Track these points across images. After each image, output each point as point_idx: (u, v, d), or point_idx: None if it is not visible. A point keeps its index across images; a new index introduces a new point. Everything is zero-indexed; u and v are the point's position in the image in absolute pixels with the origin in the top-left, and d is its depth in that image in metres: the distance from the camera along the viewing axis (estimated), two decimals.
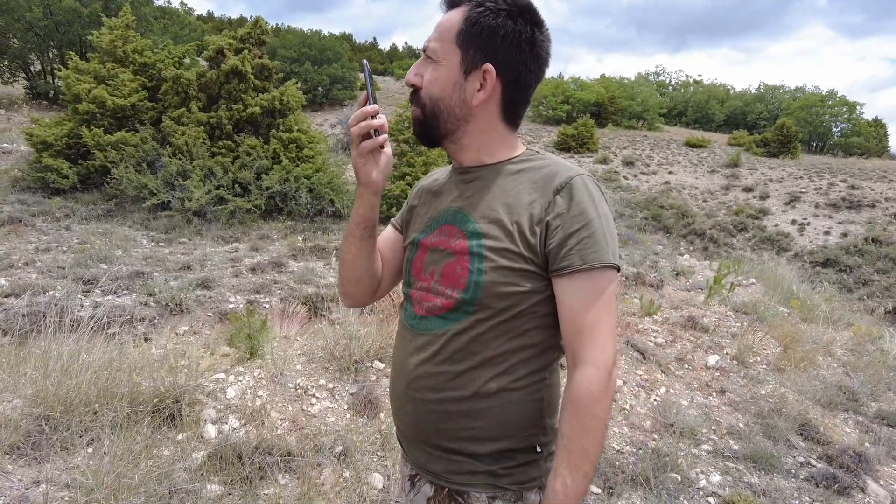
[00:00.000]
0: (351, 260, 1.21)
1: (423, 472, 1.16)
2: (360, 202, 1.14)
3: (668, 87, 51.85)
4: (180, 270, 5.68)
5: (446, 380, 1.07)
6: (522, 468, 1.10)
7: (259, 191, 7.81)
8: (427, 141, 1.13)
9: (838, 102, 38.05)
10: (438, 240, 1.12)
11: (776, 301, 6.94)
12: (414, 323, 1.13)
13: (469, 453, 1.09)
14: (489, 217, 1.05)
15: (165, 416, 2.92)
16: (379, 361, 3.78)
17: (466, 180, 1.14)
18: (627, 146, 31.13)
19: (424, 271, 1.13)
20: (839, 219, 21.48)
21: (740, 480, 3.15)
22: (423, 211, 1.20)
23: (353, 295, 1.28)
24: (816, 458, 3.42)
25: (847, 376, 4.85)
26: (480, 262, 1.03)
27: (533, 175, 1.07)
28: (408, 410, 1.14)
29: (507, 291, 1.02)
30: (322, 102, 34.20)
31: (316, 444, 2.93)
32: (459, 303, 1.05)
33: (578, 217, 1.00)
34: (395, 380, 1.18)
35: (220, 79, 8.22)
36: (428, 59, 1.07)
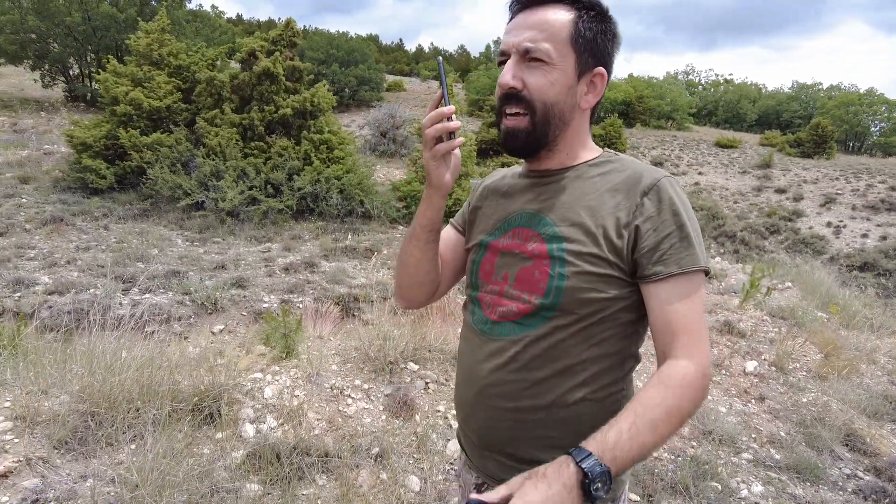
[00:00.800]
0: (415, 263, 1.19)
1: (493, 481, 1.12)
2: (427, 205, 1.11)
3: (698, 86, 51.01)
4: (215, 270, 5.77)
5: (523, 388, 1.04)
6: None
7: (291, 191, 7.90)
8: (527, 151, 1.07)
9: (877, 101, 36.91)
10: (512, 243, 1.09)
11: (814, 306, 6.76)
12: (485, 328, 1.10)
13: (534, 462, 1.03)
14: (570, 220, 1.03)
15: (205, 415, 2.96)
16: (413, 363, 3.78)
17: (543, 182, 1.11)
18: (656, 146, 30.70)
19: (496, 275, 1.10)
20: (878, 221, 20.86)
21: (783, 491, 3.06)
22: (489, 212, 1.18)
23: (412, 298, 1.27)
24: (864, 471, 3.32)
25: (893, 385, 4.69)
26: (562, 266, 1.00)
27: (615, 177, 1.05)
28: (479, 417, 1.11)
29: (591, 297, 0.99)
30: (349, 103, 34.46)
31: (352, 445, 2.94)
32: (538, 308, 1.02)
33: (670, 221, 0.98)
34: (464, 386, 1.15)
35: (252, 80, 8.34)
36: (535, 61, 1.00)
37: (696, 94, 47.99)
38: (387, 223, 8.81)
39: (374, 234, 7.84)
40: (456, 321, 4.97)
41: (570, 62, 1.01)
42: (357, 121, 26.41)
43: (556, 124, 1.03)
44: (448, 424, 3.27)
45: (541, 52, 0.99)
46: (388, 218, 8.90)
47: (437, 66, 1.06)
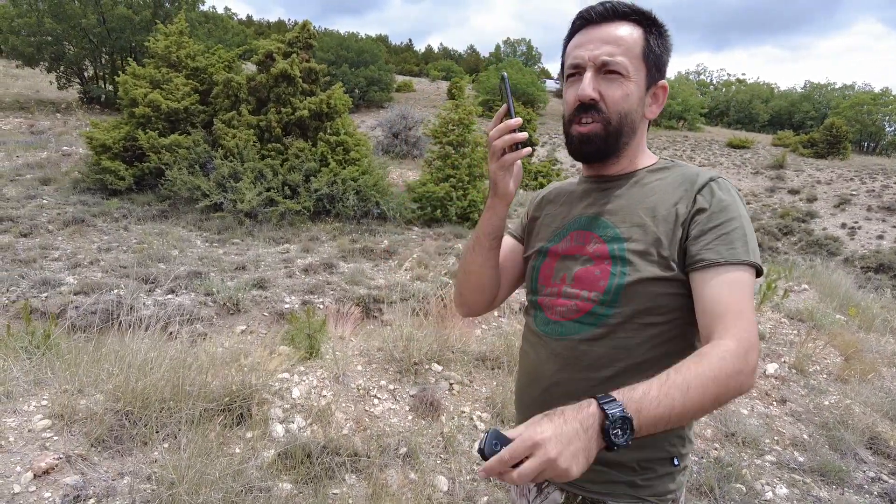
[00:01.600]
0: (477, 270, 1.22)
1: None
2: (492, 213, 1.14)
3: (710, 86, 50.74)
4: (235, 271, 5.83)
5: (589, 386, 1.06)
6: (661, 480, 1.11)
7: (308, 193, 7.96)
8: (599, 156, 1.11)
9: (892, 100, 36.54)
10: (570, 246, 1.14)
11: (832, 308, 6.73)
12: (547, 329, 1.14)
13: (610, 462, 1.08)
14: (631, 221, 1.07)
15: (236, 415, 3.01)
16: (437, 364, 3.81)
17: (603, 188, 1.16)
18: (668, 147, 30.58)
19: (554, 277, 1.15)
20: (893, 222, 20.67)
21: (808, 494, 3.07)
22: (548, 221, 1.23)
23: (473, 304, 1.30)
24: (889, 474, 3.32)
25: None
26: (623, 265, 1.04)
27: (672, 179, 1.10)
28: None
29: (654, 293, 1.02)
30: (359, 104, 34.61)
31: (380, 445, 2.98)
32: (597, 305, 1.06)
33: (720, 213, 1.02)
34: (527, 388, 1.20)
35: (269, 82, 8.41)
36: (611, 74, 1.05)
37: (708, 94, 47.74)
38: (402, 224, 8.86)
39: (390, 236, 7.89)
40: (475, 322, 5.00)
41: (641, 76, 1.07)
42: (368, 121, 26.51)
43: (626, 133, 1.09)
44: (473, 425, 3.30)
45: (618, 66, 1.05)
46: (403, 219, 8.95)
47: (502, 81, 1.08)
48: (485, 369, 3.91)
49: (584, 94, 1.05)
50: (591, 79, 1.05)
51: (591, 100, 1.05)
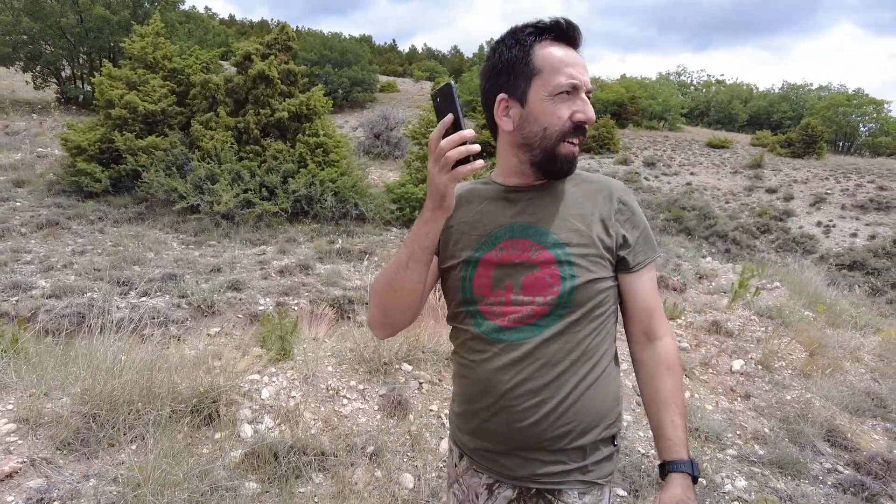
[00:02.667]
0: (410, 288, 1.16)
1: (508, 478, 1.21)
2: (432, 226, 1.10)
3: (690, 86, 51.29)
4: (210, 273, 5.83)
5: (546, 382, 1.14)
6: (605, 462, 1.21)
7: (285, 194, 7.96)
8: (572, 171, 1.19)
9: (865, 101, 37.26)
10: (507, 255, 1.17)
11: (801, 305, 6.89)
12: (500, 335, 1.16)
13: (563, 450, 1.16)
14: (566, 227, 1.16)
15: (204, 416, 3.03)
16: (407, 364, 3.86)
17: (528, 197, 1.20)
18: (648, 147, 30.87)
19: (496, 286, 1.17)
20: (867, 220, 21.08)
21: (766, 485, 3.16)
22: (466, 229, 1.22)
23: (398, 324, 1.25)
24: (844, 465, 3.43)
25: (875, 382, 4.81)
26: (570, 268, 1.13)
27: (590, 188, 1.21)
28: (501, 420, 1.17)
29: (596, 290, 1.15)
30: (342, 104, 34.50)
31: (348, 444, 3.02)
32: (554, 307, 1.13)
33: (639, 222, 1.20)
34: (480, 396, 1.20)
35: (247, 84, 8.40)
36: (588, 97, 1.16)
37: (688, 95, 48.26)
38: (381, 225, 8.89)
39: (368, 237, 7.91)
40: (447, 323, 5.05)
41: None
42: (350, 122, 26.46)
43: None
44: (441, 423, 3.36)
45: (591, 94, 1.17)
46: (381, 220, 8.97)
47: (448, 89, 1.04)
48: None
49: (592, 117, 1.14)
50: (586, 104, 1.14)
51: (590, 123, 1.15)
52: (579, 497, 1.17)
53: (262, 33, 8.88)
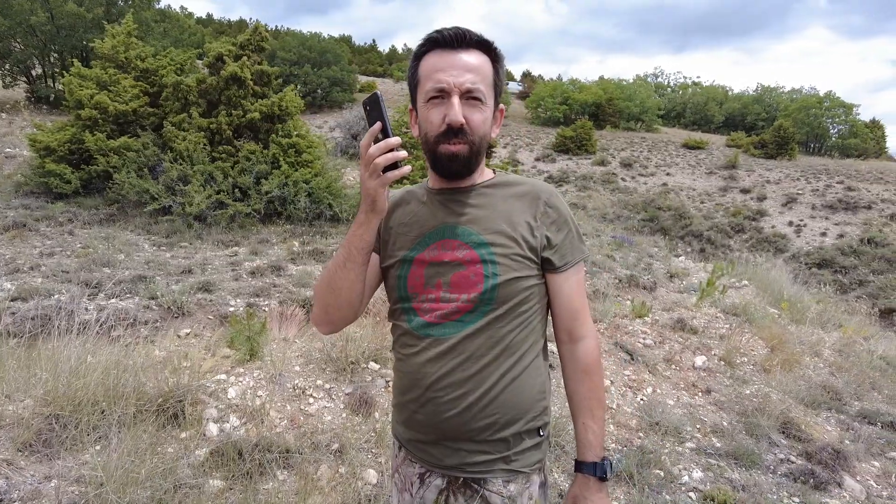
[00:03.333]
0: (348, 287, 1.24)
1: (437, 467, 1.27)
2: (366, 229, 1.17)
3: (667, 88, 51.99)
4: (181, 274, 5.80)
5: (469, 375, 1.20)
6: (530, 451, 1.27)
7: (258, 195, 7.92)
8: (463, 173, 1.24)
9: (835, 104, 38.15)
10: (438, 254, 1.24)
11: (767, 303, 7.07)
12: (428, 331, 1.23)
13: (487, 441, 1.22)
14: (492, 229, 1.22)
15: (170, 416, 3.05)
16: (374, 363, 3.91)
17: (456, 199, 1.26)
18: (626, 148, 31.26)
19: (427, 284, 1.24)
20: (835, 220, 21.63)
21: (721, 476, 3.27)
22: (403, 230, 1.30)
23: (340, 321, 1.32)
24: (796, 455, 3.55)
25: (832, 376, 4.98)
26: (494, 267, 1.19)
27: (516, 190, 1.27)
28: (428, 411, 1.24)
29: (519, 288, 1.21)
30: (321, 104, 34.37)
31: (313, 441, 3.06)
32: (477, 304, 1.19)
33: (565, 224, 1.26)
34: (410, 388, 1.27)
35: (219, 85, 8.35)
36: (473, 100, 1.17)
37: (665, 97, 48.92)
38: None
39: (341, 237, 7.92)
40: None
41: (491, 102, 1.22)
42: (329, 122, 26.37)
43: (482, 152, 1.23)
44: None
45: (479, 93, 1.18)
46: None
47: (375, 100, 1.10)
48: None
49: (457, 120, 1.16)
50: (458, 105, 1.16)
51: (460, 125, 1.16)
52: (504, 485, 1.23)
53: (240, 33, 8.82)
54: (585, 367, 1.29)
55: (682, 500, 2.97)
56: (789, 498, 3.09)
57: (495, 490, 1.23)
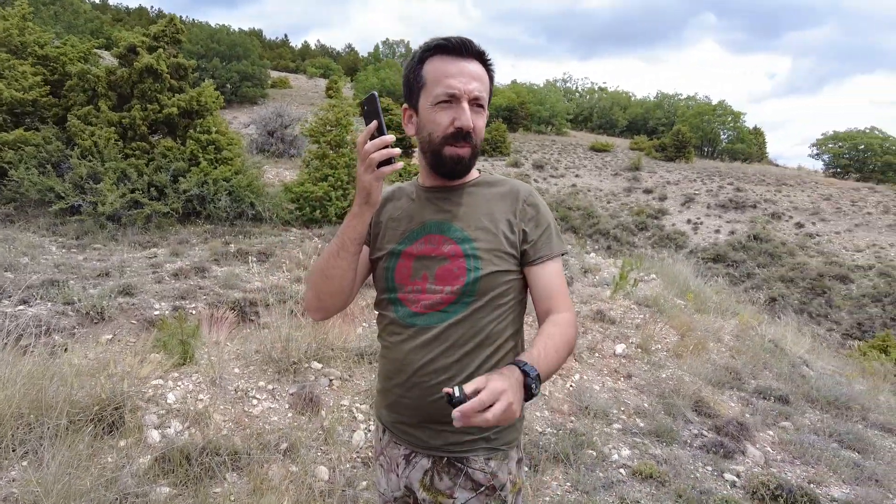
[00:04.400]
0: (340, 275, 1.32)
1: (422, 448, 1.36)
2: (360, 220, 1.25)
3: (575, 93, 54.27)
4: (98, 278, 5.48)
5: (453, 361, 1.29)
6: (507, 431, 1.38)
7: (176, 194, 7.57)
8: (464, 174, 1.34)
9: (725, 112, 41.54)
10: (425, 248, 1.33)
11: (673, 294, 7.65)
12: (413, 320, 1.31)
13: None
14: (476, 225, 1.32)
15: (106, 425, 2.93)
16: (317, 362, 3.92)
17: (445, 197, 1.37)
18: (537, 150, 32.39)
19: (414, 276, 1.33)
20: (727, 218, 23.56)
21: (646, 453, 3.57)
22: (393, 225, 1.38)
23: (331, 307, 1.39)
24: (707, 430, 3.94)
25: (733, 359, 5.51)
26: (476, 261, 1.29)
27: (499, 189, 1.38)
28: (414, 396, 1.32)
29: (499, 281, 1.31)
30: (231, 100, 33.03)
31: (261, 442, 3.05)
32: (460, 296, 1.29)
33: (543, 220, 1.36)
34: (396, 374, 1.35)
35: (132, 77, 7.89)
36: (478, 108, 1.28)
37: (574, 101, 51.06)
38: (279, 225, 8.71)
39: (265, 237, 7.74)
40: (354, 320, 5.14)
41: (487, 109, 1.34)
42: (240, 118, 25.43)
43: (478, 155, 1.34)
44: (353, 417, 3.46)
45: (483, 101, 1.29)
46: (280, 220, 8.80)
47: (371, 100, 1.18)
48: (364, 364, 4.07)
49: (469, 125, 1.25)
50: (468, 111, 1.25)
51: (468, 130, 1.26)
52: (485, 462, 1.35)
53: (141, 21, 8.34)
54: (556, 320, 1.29)
55: (614, 476, 3.23)
56: (704, 467, 3.44)
57: (478, 467, 1.34)
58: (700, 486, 3.15)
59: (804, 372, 5.63)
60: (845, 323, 16.30)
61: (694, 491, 3.08)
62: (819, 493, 3.21)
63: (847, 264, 19.15)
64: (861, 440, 4.02)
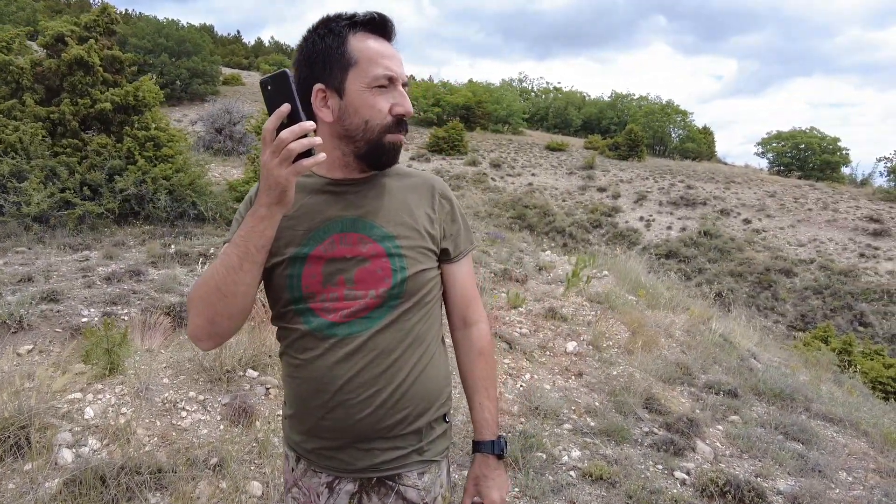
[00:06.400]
0: (244, 291, 1.08)
1: (347, 472, 1.20)
2: (269, 223, 1.04)
3: (531, 93, 54.74)
4: (19, 283, 5.10)
5: (380, 372, 1.15)
6: (439, 440, 1.26)
7: (112, 193, 7.15)
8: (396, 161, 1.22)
9: (675, 111, 42.64)
10: (337, 249, 1.15)
11: (626, 290, 7.69)
12: (331, 331, 1.14)
13: (400, 436, 1.19)
14: (395, 221, 1.19)
15: (9, 446, 2.66)
16: (252, 370, 3.70)
17: (353, 191, 1.19)
18: (494, 149, 32.51)
19: (327, 282, 1.14)
20: (679, 215, 24.15)
21: (597, 453, 3.51)
22: (291, 224, 1.17)
23: (226, 332, 1.14)
24: (658, 427, 3.91)
25: (683, 354, 5.54)
26: (401, 260, 1.16)
27: (412, 182, 1.26)
28: (337, 416, 1.15)
29: (425, 280, 1.20)
30: (181, 97, 32.04)
31: (188, 457, 2.83)
32: (386, 299, 1.15)
33: (458, 215, 1.29)
34: (313, 395, 1.17)
35: (61, 69, 7.41)
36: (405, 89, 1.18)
37: (529, 101, 51.49)
38: (223, 225, 8.37)
39: (208, 238, 7.41)
40: None
41: None
42: (189, 115, 24.65)
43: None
44: None
45: (407, 88, 1.20)
46: (223, 220, 8.46)
47: (286, 78, 0.97)
48: None
49: (411, 111, 1.16)
50: (404, 96, 1.16)
51: (409, 115, 1.17)
52: (419, 477, 1.21)
53: (81, 13, 7.83)
54: (480, 349, 1.33)
55: (564, 479, 3.14)
56: (654, 466, 3.39)
57: (410, 483, 1.21)
58: (650, 485, 3.09)
59: (752, 365, 5.71)
60: (790, 315, 16.90)
61: (644, 491, 3.02)
62: (766, 487, 3.20)
63: (791, 258, 19.89)
64: (805, 431, 4.06)
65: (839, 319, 16.05)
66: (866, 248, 20.44)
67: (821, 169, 35.10)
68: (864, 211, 23.30)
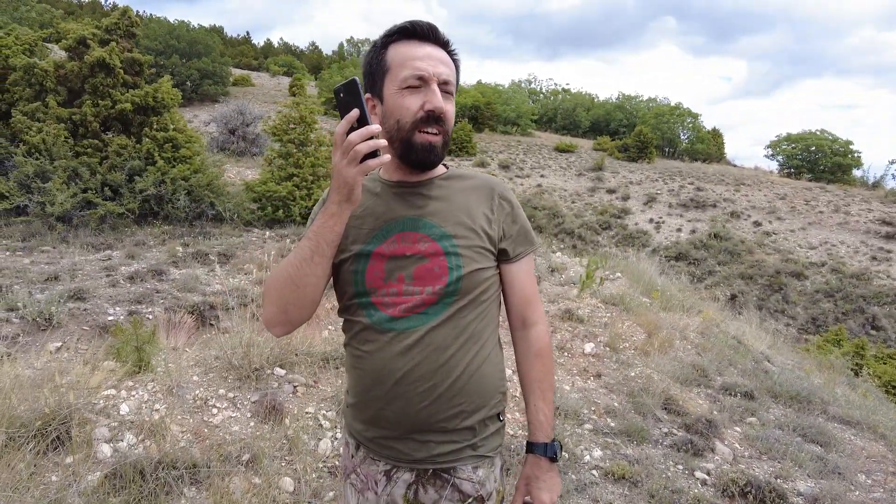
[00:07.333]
0: (314, 283, 1.18)
1: (406, 462, 1.27)
2: (338, 220, 1.13)
3: (540, 94, 54.71)
4: (46, 282, 5.20)
5: (438, 366, 1.21)
6: (493, 437, 1.32)
7: (132, 194, 7.25)
8: (435, 164, 1.25)
9: (684, 113, 42.50)
10: (398, 247, 1.23)
11: (639, 292, 7.72)
12: (391, 325, 1.21)
13: (456, 430, 1.25)
14: (453, 221, 1.24)
15: (51, 441, 2.74)
16: (280, 368, 3.77)
17: (414, 192, 1.27)
18: (503, 150, 32.54)
19: (388, 278, 1.22)
20: (688, 217, 24.08)
21: (618, 453, 3.55)
22: (357, 223, 1.26)
23: (297, 320, 1.25)
24: (677, 428, 3.94)
25: (699, 356, 5.57)
26: (457, 259, 1.21)
27: (472, 183, 1.31)
28: (396, 408, 1.22)
29: (481, 279, 1.24)
30: (191, 98, 32.23)
31: (221, 453, 2.90)
32: (442, 296, 1.20)
33: (518, 215, 1.32)
34: (374, 386, 1.24)
35: (83, 71, 7.53)
36: (447, 94, 1.21)
37: (538, 102, 51.47)
38: (240, 226, 8.46)
39: (226, 238, 7.50)
40: (320, 323, 4.99)
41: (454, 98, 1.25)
42: (201, 116, 24.81)
43: (448, 146, 1.25)
44: (319, 424, 3.33)
45: (452, 87, 1.23)
46: (241, 220, 8.55)
47: (355, 85, 1.06)
48: (330, 369, 3.95)
49: (440, 107, 1.17)
50: (439, 96, 1.17)
51: (442, 112, 1.18)
52: (473, 471, 1.27)
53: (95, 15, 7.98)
54: (538, 350, 1.35)
55: (587, 478, 3.19)
56: (675, 466, 3.43)
57: (465, 477, 1.26)
58: (672, 485, 3.14)
59: (767, 367, 5.73)
60: (801, 318, 16.83)
61: (666, 491, 3.06)
62: (786, 488, 3.23)
63: (802, 261, 19.79)
64: (823, 433, 4.09)
65: (851, 323, 15.97)
66: (878, 251, 20.32)
67: (832, 171, 34.88)
68: (875, 214, 23.17)
